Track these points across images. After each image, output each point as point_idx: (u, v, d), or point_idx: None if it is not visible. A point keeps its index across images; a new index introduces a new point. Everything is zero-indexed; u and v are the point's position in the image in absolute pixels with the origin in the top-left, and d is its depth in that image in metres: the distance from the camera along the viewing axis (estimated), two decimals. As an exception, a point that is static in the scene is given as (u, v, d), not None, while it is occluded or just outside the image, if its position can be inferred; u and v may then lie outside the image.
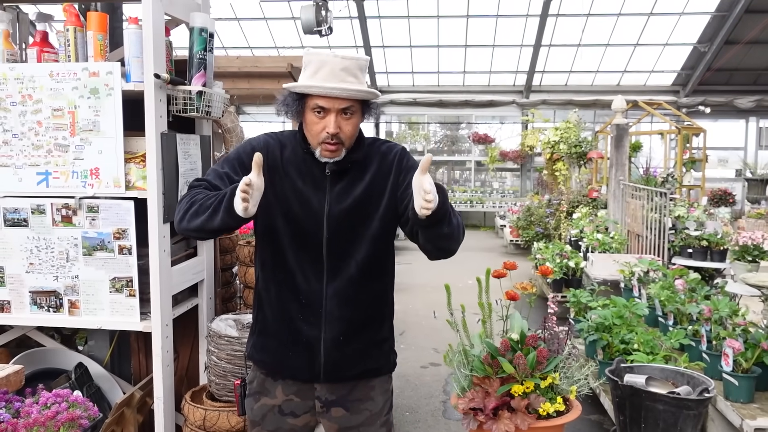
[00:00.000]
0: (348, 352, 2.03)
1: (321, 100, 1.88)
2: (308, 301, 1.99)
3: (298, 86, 1.90)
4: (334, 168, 1.98)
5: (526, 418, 2.19)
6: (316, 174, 1.99)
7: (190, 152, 2.95)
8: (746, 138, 15.79)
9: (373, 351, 2.10)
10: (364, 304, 2.04)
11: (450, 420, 4.34)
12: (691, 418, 2.39)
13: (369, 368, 2.10)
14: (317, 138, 1.92)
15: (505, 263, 2.62)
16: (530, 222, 9.72)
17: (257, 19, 14.36)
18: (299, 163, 2.00)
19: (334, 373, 2.03)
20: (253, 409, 2.13)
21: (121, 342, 3.41)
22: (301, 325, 2.00)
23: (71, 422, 1.75)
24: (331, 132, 1.88)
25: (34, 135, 2.69)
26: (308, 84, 1.87)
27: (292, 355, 2.03)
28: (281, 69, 7.21)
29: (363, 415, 2.08)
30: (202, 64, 2.78)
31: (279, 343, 2.05)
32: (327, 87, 1.85)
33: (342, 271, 1.99)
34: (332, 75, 1.86)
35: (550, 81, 15.83)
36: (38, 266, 2.78)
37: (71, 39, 2.68)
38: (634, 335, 3.89)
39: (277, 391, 2.08)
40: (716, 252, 6.20)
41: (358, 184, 2.00)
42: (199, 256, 3.18)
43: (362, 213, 2.00)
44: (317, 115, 1.90)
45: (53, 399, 1.88)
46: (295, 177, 1.99)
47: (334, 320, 2.00)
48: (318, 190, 1.98)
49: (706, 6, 13.28)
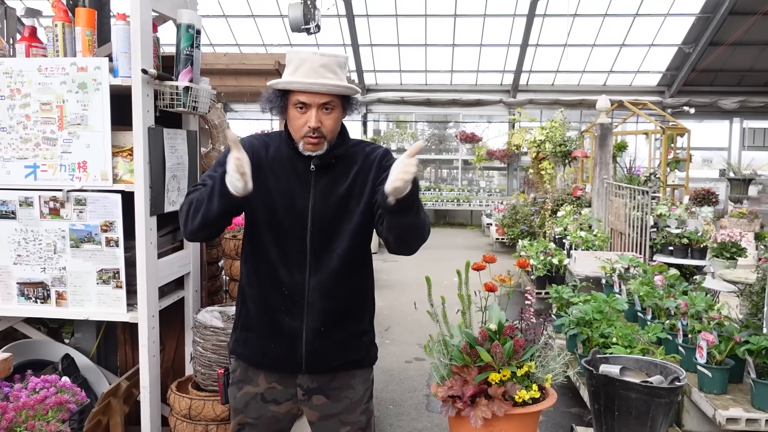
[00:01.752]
0: (329, 343, 2.08)
1: (302, 95, 1.95)
2: (291, 293, 2.05)
3: (281, 83, 1.97)
4: (318, 163, 2.04)
5: (503, 405, 2.25)
6: (301, 170, 2.05)
7: (177, 147, 3.00)
8: (730, 138, 15.99)
9: (354, 342, 2.16)
10: (344, 296, 2.11)
11: (433, 413, 4.41)
12: (663, 405, 2.47)
13: (350, 360, 2.15)
14: (299, 132, 1.99)
15: (485, 256, 2.69)
16: (515, 220, 9.81)
17: (245, 16, 14.38)
18: (284, 161, 2.07)
19: (316, 363, 2.09)
20: (236, 397, 2.16)
21: (108, 335, 3.45)
22: (283, 316, 2.06)
23: (59, 406, 1.79)
24: (312, 126, 1.95)
25: (23, 128, 2.73)
26: (289, 80, 1.95)
27: (274, 347, 2.08)
28: (268, 66, 7.24)
29: (343, 403, 2.14)
30: (189, 60, 2.83)
31: (261, 336, 2.10)
32: (306, 83, 1.93)
33: (324, 264, 2.06)
34: (312, 71, 1.94)
35: (537, 81, 15.95)
36: (26, 258, 2.81)
37: (60, 34, 2.71)
38: (613, 329, 3.98)
39: (260, 379, 2.13)
40: (696, 249, 6.31)
41: (342, 181, 2.07)
42: (186, 249, 3.23)
43: (345, 208, 2.07)
44: (299, 111, 1.97)
45: (41, 384, 1.92)
46: (280, 174, 2.06)
47: (316, 311, 2.06)
48: (303, 186, 2.05)
49: (691, 7, 13.44)
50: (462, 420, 2.34)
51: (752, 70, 14.91)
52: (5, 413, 1.70)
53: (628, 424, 2.50)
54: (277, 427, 2.19)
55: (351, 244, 2.07)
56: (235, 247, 3.37)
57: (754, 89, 15.23)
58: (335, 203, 2.06)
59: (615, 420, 2.53)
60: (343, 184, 2.07)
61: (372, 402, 2.25)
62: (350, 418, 2.15)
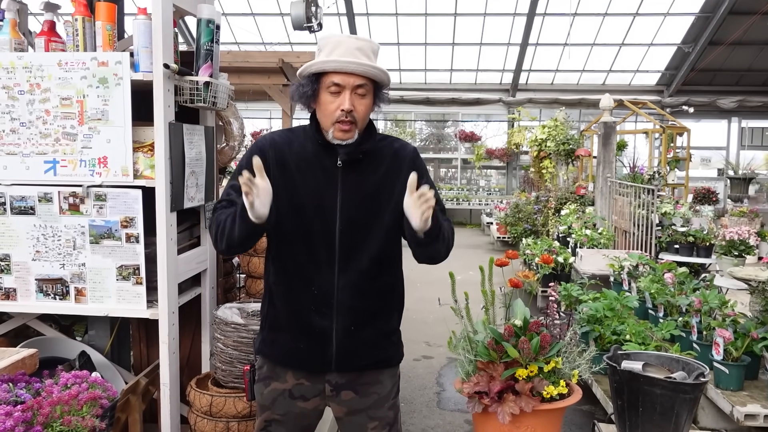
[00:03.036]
0: (359, 342, 2.07)
1: (336, 76, 1.91)
2: (320, 292, 2.02)
3: (316, 63, 1.93)
4: (346, 158, 2.00)
5: (531, 401, 2.25)
6: (328, 167, 2.01)
7: (195, 142, 2.98)
8: (728, 138, 16.05)
9: (383, 341, 2.15)
10: (374, 295, 2.09)
11: (444, 410, 4.41)
12: (687, 402, 2.46)
13: (379, 359, 2.14)
14: (332, 117, 1.94)
15: (507, 252, 2.69)
16: (518, 219, 9.82)
17: (245, 14, 14.35)
18: (309, 157, 2.02)
19: (345, 362, 2.07)
20: (263, 393, 2.14)
21: (120, 332, 3.43)
22: (313, 316, 2.02)
23: (93, 401, 1.78)
24: (346, 108, 1.91)
25: (42, 124, 2.71)
26: (325, 59, 1.91)
27: (304, 347, 2.05)
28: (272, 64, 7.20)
29: (371, 398, 2.12)
30: (209, 55, 2.81)
31: (290, 336, 2.07)
32: (343, 61, 1.89)
33: (353, 263, 2.03)
34: (348, 53, 1.91)
35: (537, 80, 15.97)
36: (45, 254, 2.79)
37: (80, 29, 2.69)
38: (626, 326, 3.99)
39: (288, 376, 2.11)
40: (702, 248, 6.33)
41: (371, 178, 2.04)
42: (203, 246, 3.21)
43: (374, 206, 2.04)
44: (332, 94, 1.93)
45: (73, 379, 1.91)
46: (306, 170, 2.02)
47: (346, 310, 2.03)
48: (330, 183, 2.01)
49: (690, 7, 13.49)
50: (488, 416, 2.34)
51: (751, 69, 14.97)
52: (41, 408, 1.69)
53: (653, 420, 2.50)
54: (304, 423, 2.18)
55: (381, 242, 2.05)
56: (253, 244, 3.36)
57: (753, 89, 15.29)
58: (363, 201, 2.03)
59: (639, 416, 2.53)
60: (371, 181, 2.04)
61: (398, 397, 2.24)
62: (378, 414, 2.13)
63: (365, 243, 2.04)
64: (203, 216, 3.20)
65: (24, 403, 1.76)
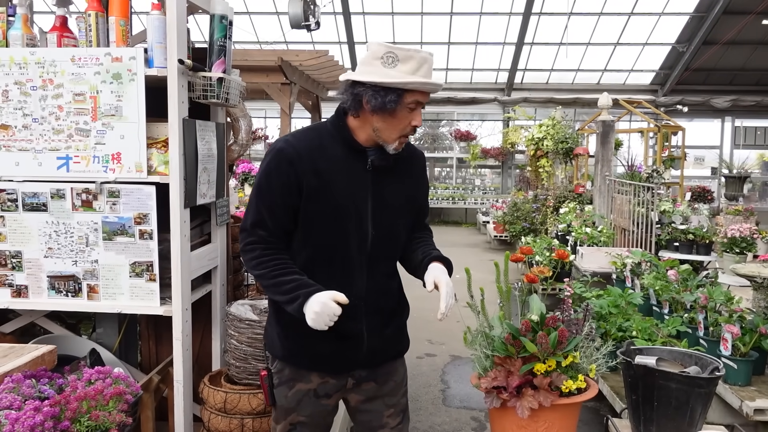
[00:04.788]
0: (384, 339, 2.14)
1: (421, 95, 1.92)
2: (353, 298, 1.98)
3: (413, 82, 1.88)
4: (378, 164, 2.01)
5: (549, 395, 2.26)
6: (359, 170, 2.00)
7: (207, 139, 2.97)
8: (722, 137, 16.15)
9: (400, 335, 2.25)
10: (393, 293, 2.18)
11: (450, 407, 4.42)
12: (702, 396, 2.47)
13: (399, 350, 2.26)
14: (401, 132, 1.96)
15: (521, 248, 2.69)
16: (517, 217, 9.84)
17: (240, 13, 14.30)
18: (340, 160, 1.99)
19: (372, 359, 2.13)
20: (287, 396, 2.11)
21: (127, 330, 3.41)
22: (345, 321, 1.95)
23: (118, 396, 1.77)
24: (419, 125, 1.96)
25: (55, 119, 2.69)
26: (423, 81, 1.89)
27: (337, 351, 2.04)
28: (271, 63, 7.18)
29: (389, 386, 2.20)
30: (222, 51, 2.80)
31: (323, 343, 2.01)
32: (436, 84, 1.93)
33: (379, 266, 2.08)
34: (430, 72, 1.92)
35: (532, 79, 16.02)
36: (57, 251, 2.78)
37: (93, 24, 2.68)
38: (631, 323, 4.01)
39: (312, 376, 2.09)
40: (702, 245, 6.37)
41: (396, 183, 2.08)
42: (213, 243, 3.20)
43: (400, 211, 2.10)
44: (409, 110, 1.93)
45: (96, 375, 1.90)
46: (338, 176, 1.98)
47: (374, 312, 2.08)
48: (361, 189, 2.01)
49: (685, 7, 13.56)
50: (506, 411, 2.34)
51: (744, 69, 15.06)
52: (69, 403, 1.68)
53: (668, 414, 2.51)
54: (328, 420, 2.21)
55: (400, 245, 2.16)
56: (264, 241, 3.35)
57: (746, 88, 15.40)
58: (391, 204, 2.06)
59: (654, 411, 2.53)
60: (397, 185, 2.08)
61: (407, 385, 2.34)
62: (393, 401, 2.21)
63: (390, 247, 2.11)
64: (214, 213, 3.20)
65: (48, 398, 1.75)
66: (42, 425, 1.58)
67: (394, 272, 2.16)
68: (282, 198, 1.96)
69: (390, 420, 2.19)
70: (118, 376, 1.91)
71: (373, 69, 1.90)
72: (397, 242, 2.13)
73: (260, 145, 14.09)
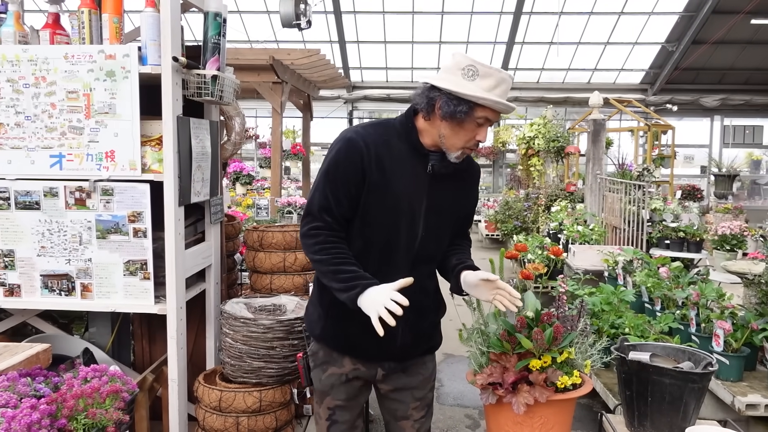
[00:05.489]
0: (418, 334, 2.20)
1: (491, 113, 1.96)
2: None
3: (488, 99, 1.91)
4: (438, 169, 2.06)
5: (545, 391, 2.26)
6: (419, 172, 2.06)
7: (201, 137, 2.96)
8: (711, 136, 16.25)
9: (434, 331, 2.33)
10: (431, 291, 2.25)
11: (444, 405, 4.42)
12: (696, 391, 2.49)
13: (431, 346, 2.32)
14: (465, 143, 2.00)
15: (516, 245, 2.70)
16: (508, 216, 9.87)
17: (231, 12, 14.24)
18: (404, 159, 2.04)
19: (404, 352, 2.18)
20: (321, 379, 2.19)
21: (119, 330, 3.40)
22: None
23: (115, 394, 1.77)
24: (483, 140, 2.01)
25: (48, 117, 2.68)
26: (498, 100, 1.92)
27: (371, 338, 2.02)
28: (262, 62, 7.17)
29: (417, 379, 2.25)
30: (216, 48, 2.80)
31: (362, 330, 2.02)
32: (509, 105, 1.96)
33: (423, 265, 2.15)
34: (506, 93, 1.96)
35: (523, 78, 16.05)
36: (50, 249, 2.76)
37: (86, 21, 2.67)
38: (624, 320, 4.03)
39: (345, 361, 2.17)
40: (692, 243, 6.41)
41: (451, 189, 2.15)
42: (207, 242, 3.20)
43: (449, 217, 2.18)
44: (478, 125, 1.97)
45: (92, 373, 1.89)
46: (400, 173, 2.03)
47: (411, 309, 2.05)
48: (419, 189, 2.06)
49: (674, 6, 13.63)
50: (502, 407, 2.35)
51: (733, 68, 15.16)
52: (65, 401, 1.67)
53: (662, 409, 2.52)
54: (361, 401, 2.29)
55: (442, 249, 2.22)
56: (258, 238, 3.35)
57: (735, 87, 15.50)
58: (444, 209, 2.14)
59: (648, 406, 2.55)
60: (451, 192, 2.15)
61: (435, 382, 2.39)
62: (421, 394, 2.27)
63: (434, 249, 2.18)
64: (208, 211, 3.19)
65: (44, 396, 1.74)
66: (39, 423, 1.58)
67: (433, 272, 2.24)
68: (348, 187, 2.00)
69: (414, 412, 2.26)
70: (114, 374, 1.90)
71: (452, 78, 1.94)
72: (441, 245, 2.20)
73: (251, 145, 14.04)
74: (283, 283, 3.34)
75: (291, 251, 3.35)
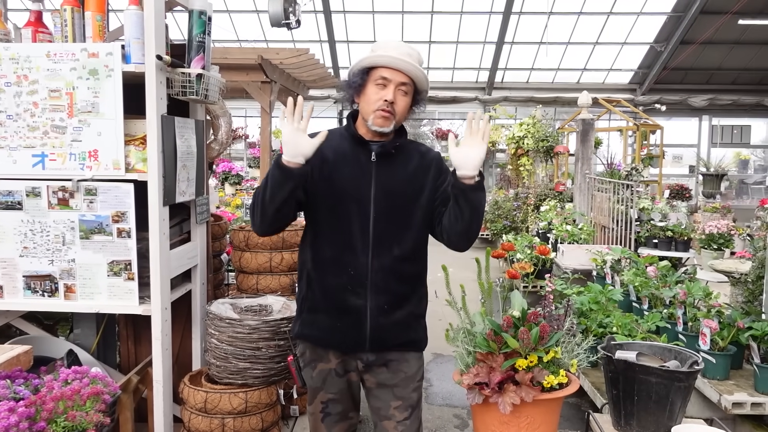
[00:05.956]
0: (391, 321, 2.21)
1: (385, 71, 2.11)
2: (356, 273, 2.17)
3: (369, 57, 2.12)
4: (380, 151, 2.19)
5: (531, 391, 2.25)
6: (363, 161, 2.19)
7: (186, 136, 2.94)
8: (699, 135, 16.32)
9: (414, 323, 2.31)
10: (405, 278, 2.25)
11: (433, 405, 4.41)
12: (682, 390, 2.49)
13: (410, 339, 2.30)
14: (374, 106, 2.12)
15: (502, 245, 2.69)
16: (498, 215, 9.87)
17: (220, 11, 14.19)
18: (347, 153, 2.20)
19: (379, 340, 2.20)
20: (312, 376, 2.27)
21: (105, 331, 3.37)
22: (349, 295, 2.17)
23: (96, 396, 1.74)
24: (389, 99, 2.10)
25: (30, 116, 2.65)
26: (380, 54, 2.11)
27: (341, 325, 2.18)
28: (251, 61, 7.13)
29: (399, 376, 2.26)
30: (201, 47, 2.78)
31: (328, 315, 2.20)
32: (395, 57, 2.09)
33: (386, 248, 2.19)
34: (398, 53, 2.11)
35: (512, 78, 16.07)
36: (32, 250, 2.73)
37: (68, 19, 2.64)
38: (612, 319, 4.04)
39: (330, 356, 2.24)
40: (680, 242, 6.43)
41: (401, 172, 2.22)
42: (193, 242, 3.17)
43: (404, 197, 2.22)
44: (378, 87, 2.12)
45: (73, 375, 1.86)
46: (343, 165, 2.19)
47: (380, 291, 2.18)
48: (365, 176, 2.18)
49: (662, 6, 13.68)
50: (488, 407, 2.34)
51: (721, 68, 15.24)
52: (44, 404, 1.65)
53: (648, 408, 2.53)
54: (352, 393, 2.32)
55: (409, 233, 2.22)
56: (245, 239, 3.33)
57: (723, 87, 15.57)
58: (395, 194, 2.20)
59: (634, 405, 2.55)
60: (402, 174, 2.22)
61: (422, 383, 2.37)
62: (403, 393, 2.27)
63: (396, 230, 2.21)
64: (194, 211, 3.16)
65: (24, 399, 1.71)
66: (17, 426, 1.55)
67: (409, 258, 2.24)
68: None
69: (396, 413, 2.27)
70: (95, 376, 1.88)
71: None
72: (403, 226, 2.20)
73: (240, 145, 13.98)
74: (270, 283, 3.32)
75: (277, 251, 3.33)
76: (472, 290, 2.78)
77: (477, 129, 2.05)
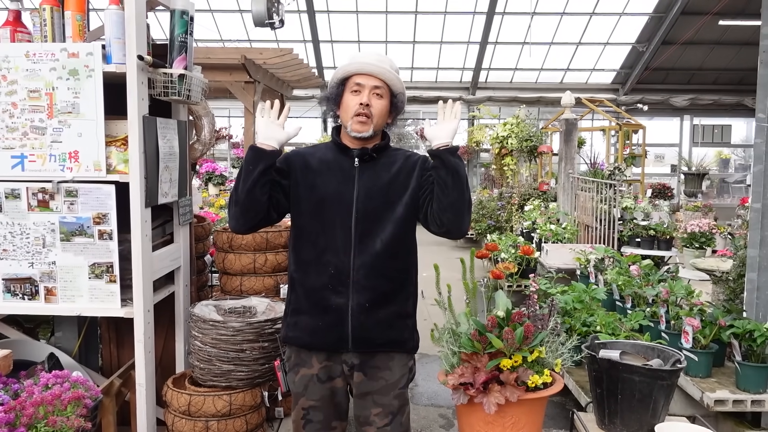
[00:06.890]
0: (374, 320, 2.20)
1: (359, 77, 2.20)
2: (337, 272, 2.18)
3: (342, 68, 2.22)
4: (361, 154, 2.24)
5: (516, 391, 2.26)
6: (346, 167, 2.25)
7: (169, 137, 2.91)
8: (681, 135, 16.49)
9: (398, 323, 2.29)
10: (388, 276, 2.24)
11: (418, 405, 4.42)
12: (665, 388, 2.51)
13: (394, 339, 2.27)
14: (351, 111, 2.20)
15: (487, 245, 2.70)
16: (482, 215, 9.90)
17: (203, 11, 14.11)
18: (330, 162, 2.27)
19: (361, 339, 2.19)
20: (294, 381, 2.27)
21: (87, 334, 3.33)
22: (329, 294, 2.19)
23: (76, 401, 1.72)
24: (364, 102, 2.17)
25: (9, 117, 2.61)
26: (350, 62, 2.22)
27: (322, 324, 2.19)
28: (234, 61, 7.09)
29: (379, 384, 2.24)
30: (183, 47, 2.76)
31: (310, 315, 2.21)
32: (365, 62, 2.19)
33: (368, 247, 2.20)
34: (368, 58, 2.22)
35: (496, 78, 16.14)
36: (12, 252, 2.70)
37: (48, 19, 2.61)
38: (596, 318, 4.06)
39: (313, 361, 2.23)
40: (662, 241, 6.49)
41: (384, 175, 2.26)
42: (176, 243, 3.15)
43: (387, 198, 2.24)
44: (354, 94, 2.20)
45: (54, 379, 1.84)
46: (327, 172, 2.25)
47: (361, 289, 2.18)
48: (348, 181, 2.23)
49: (644, 7, 13.80)
50: (474, 407, 2.34)
51: (702, 68, 15.41)
52: (24, 409, 1.62)
53: (632, 407, 2.54)
54: (336, 401, 2.29)
55: (393, 230, 2.22)
56: (228, 240, 3.31)
57: (704, 87, 15.75)
58: (377, 194, 2.23)
59: (618, 403, 2.57)
60: (385, 177, 2.25)
61: (407, 389, 2.34)
62: (383, 400, 2.25)
63: (379, 229, 2.22)
64: (176, 212, 3.14)
65: (3, 404, 1.69)
66: (-4, 432, 1.53)
67: (393, 254, 2.24)
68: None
69: (377, 419, 2.25)
70: (76, 380, 1.85)
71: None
72: (388, 225, 2.22)
73: (224, 145, 13.91)
74: (254, 285, 3.30)
75: (261, 252, 3.31)
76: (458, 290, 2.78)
77: (449, 113, 2.19)
